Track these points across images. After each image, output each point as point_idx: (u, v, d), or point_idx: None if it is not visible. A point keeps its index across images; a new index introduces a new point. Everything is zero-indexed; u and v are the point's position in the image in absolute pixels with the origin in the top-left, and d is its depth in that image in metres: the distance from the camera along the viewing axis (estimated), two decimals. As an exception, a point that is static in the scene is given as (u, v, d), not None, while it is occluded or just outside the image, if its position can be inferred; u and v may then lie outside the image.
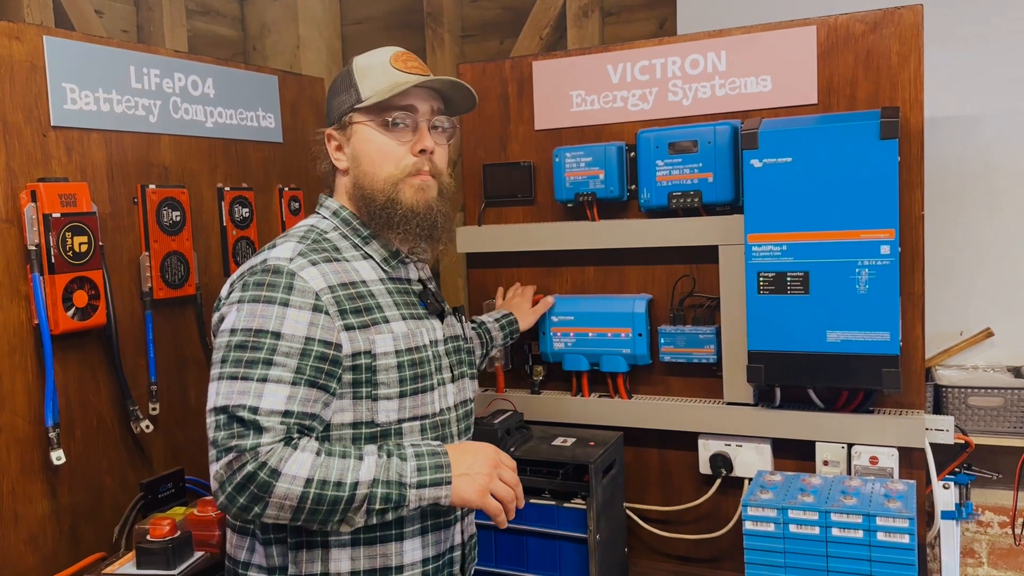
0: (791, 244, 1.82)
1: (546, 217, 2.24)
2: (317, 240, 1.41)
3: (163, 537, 1.60)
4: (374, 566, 1.37)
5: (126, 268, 1.90)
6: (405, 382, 1.38)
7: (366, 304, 1.37)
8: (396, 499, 1.26)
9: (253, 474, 1.21)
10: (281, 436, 1.24)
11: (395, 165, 1.42)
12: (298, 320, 1.29)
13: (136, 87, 1.91)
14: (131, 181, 1.91)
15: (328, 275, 1.35)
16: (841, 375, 1.81)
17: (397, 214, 1.41)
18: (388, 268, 1.45)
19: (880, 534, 1.63)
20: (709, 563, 2.13)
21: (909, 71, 1.87)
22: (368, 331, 1.35)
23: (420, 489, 1.28)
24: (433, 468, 1.29)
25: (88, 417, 1.82)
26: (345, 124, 1.45)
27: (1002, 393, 2.16)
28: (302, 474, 1.22)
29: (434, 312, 1.49)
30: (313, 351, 1.29)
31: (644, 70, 2.11)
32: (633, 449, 2.17)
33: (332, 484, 1.23)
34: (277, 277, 1.31)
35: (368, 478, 1.25)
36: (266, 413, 1.24)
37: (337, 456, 1.26)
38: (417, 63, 1.46)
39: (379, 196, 1.42)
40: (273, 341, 1.27)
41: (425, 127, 1.44)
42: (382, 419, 1.36)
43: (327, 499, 1.23)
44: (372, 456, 1.28)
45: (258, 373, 1.25)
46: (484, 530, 1.96)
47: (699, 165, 1.97)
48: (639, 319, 2.08)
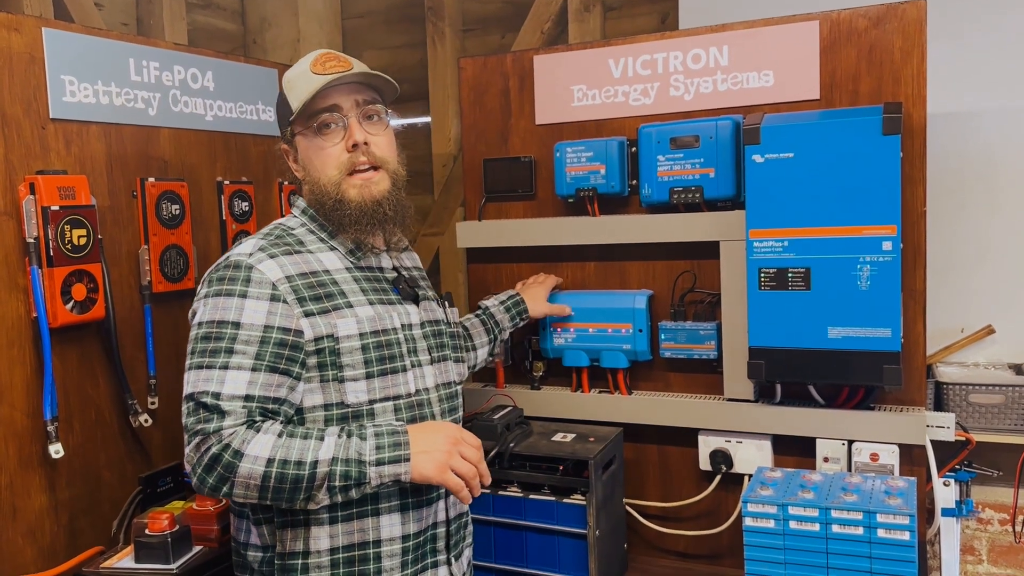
0: (793, 240, 1.81)
1: (547, 212, 2.23)
2: (281, 236, 1.48)
3: (162, 531, 1.60)
4: (352, 541, 1.42)
5: (125, 261, 1.89)
6: (371, 363, 1.43)
7: (327, 291, 1.43)
8: (356, 476, 1.31)
9: (218, 455, 1.29)
10: (243, 419, 1.32)
11: (334, 167, 1.47)
12: (256, 310, 1.36)
13: (135, 80, 1.90)
14: (130, 174, 1.90)
15: (286, 266, 1.41)
16: (842, 371, 1.80)
17: (346, 215, 1.47)
18: (354, 258, 1.50)
19: (880, 531, 1.62)
20: (709, 559, 2.13)
21: (912, 67, 1.86)
22: (329, 316, 1.41)
23: (379, 467, 1.32)
24: (391, 446, 1.33)
25: (87, 411, 1.81)
26: (289, 138, 1.54)
27: (1003, 390, 2.16)
28: (263, 454, 1.29)
29: (408, 298, 1.54)
30: (272, 338, 1.36)
31: (646, 64, 2.10)
32: (633, 445, 2.17)
33: (293, 463, 1.29)
34: (236, 271, 1.39)
35: (327, 456, 1.30)
36: (228, 398, 1.31)
37: (299, 437, 1.32)
38: (336, 61, 1.48)
39: (327, 200, 1.47)
40: (233, 331, 1.35)
41: (354, 121, 1.48)
42: (351, 400, 1.41)
43: (288, 478, 1.29)
44: (332, 436, 1.33)
45: (220, 361, 1.33)
46: (484, 525, 1.96)
47: (700, 160, 1.96)
48: (639, 315, 2.07)
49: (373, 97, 1.52)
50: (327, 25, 3.33)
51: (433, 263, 3.20)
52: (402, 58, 3.20)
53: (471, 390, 2.28)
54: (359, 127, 1.48)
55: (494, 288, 2.31)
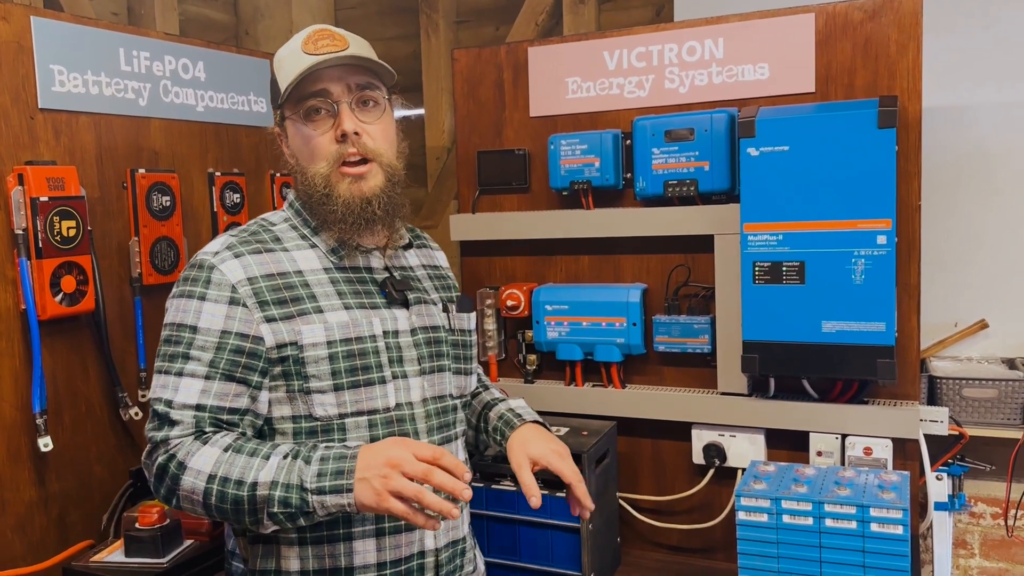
0: (787, 234, 1.80)
1: (541, 205, 2.22)
2: (256, 232, 1.37)
3: (151, 525, 1.59)
4: (323, 566, 1.31)
5: (115, 253, 1.88)
6: (339, 374, 1.30)
7: (293, 295, 1.31)
8: (297, 503, 1.17)
9: (164, 466, 1.23)
10: (191, 430, 1.24)
11: (323, 157, 1.34)
12: (214, 313, 1.27)
13: (126, 70, 1.88)
14: (120, 165, 1.89)
15: (251, 266, 1.31)
16: (836, 365, 1.79)
17: (331, 211, 1.34)
18: (335, 258, 1.38)
19: (874, 525, 1.62)
20: (702, 553, 2.13)
21: (908, 60, 1.85)
22: (293, 322, 1.29)
23: (321, 495, 1.17)
24: (334, 474, 1.18)
25: (77, 404, 1.80)
26: (280, 122, 1.41)
27: (996, 385, 2.16)
28: (205, 469, 1.21)
29: (396, 301, 1.39)
30: (228, 344, 1.27)
31: (641, 57, 2.09)
32: (626, 439, 2.16)
33: (233, 482, 1.19)
34: (199, 272, 1.31)
35: (267, 479, 1.18)
36: (178, 407, 1.24)
37: (245, 454, 1.21)
38: (330, 40, 1.34)
39: (315, 192, 1.35)
40: (191, 335, 1.27)
41: (345, 108, 1.33)
42: (319, 413, 1.29)
43: (229, 497, 1.19)
44: (278, 456, 1.21)
45: (176, 367, 1.26)
46: (477, 519, 1.95)
47: (695, 153, 1.95)
48: (633, 308, 2.07)
49: (368, 81, 1.36)
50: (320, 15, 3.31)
51: (427, 256, 3.18)
52: (395, 50, 3.18)
53: (464, 383, 2.27)
54: (350, 115, 1.33)
55: (487, 281, 2.31)
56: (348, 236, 1.36)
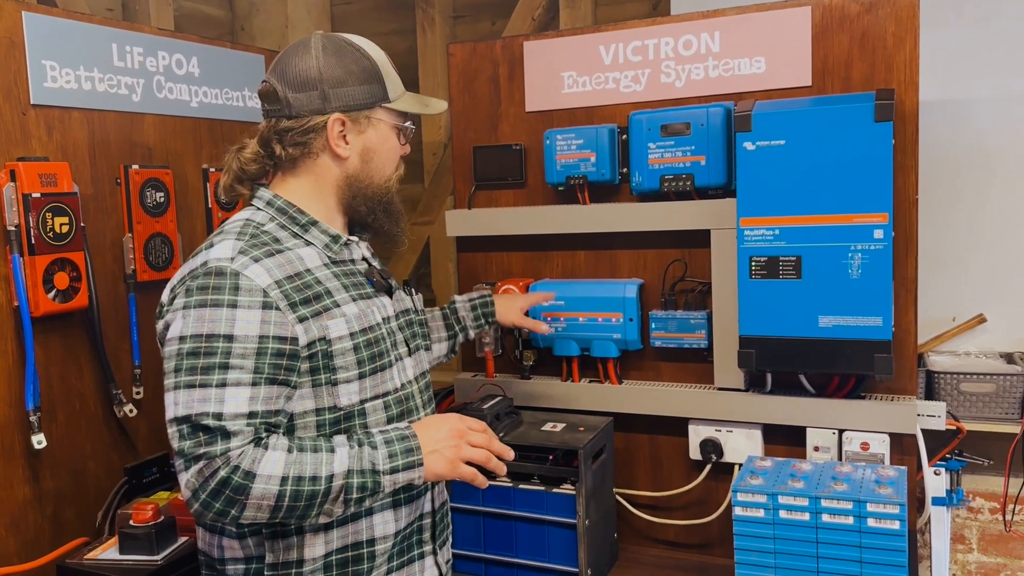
0: (784, 228, 1.80)
1: (537, 200, 2.22)
2: (255, 235, 1.37)
3: (146, 522, 1.59)
4: (347, 543, 1.38)
5: (109, 250, 1.87)
6: (363, 363, 1.39)
7: (315, 292, 1.36)
8: (372, 487, 1.29)
9: (227, 479, 1.21)
10: (250, 438, 1.24)
11: (395, 168, 1.51)
12: (249, 320, 1.27)
13: (119, 65, 1.87)
14: (114, 161, 1.88)
15: (273, 270, 1.33)
16: (833, 360, 1.79)
17: (390, 209, 1.49)
18: (331, 253, 1.44)
19: (870, 520, 1.61)
20: (699, 549, 2.13)
21: (905, 53, 1.84)
22: (320, 318, 1.34)
23: (394, 475, 1.30)
24: (404, 452, 1.31)
25: (71, 401, 1.79)
26: (360, 115, 1.42)
27: (994, 379, 2.15)
28: (277, 473, 1.23)
29: (382, 289, 1.50)
30: (269, 349, 1.28)
31: (637, 51, 2.08)
32: (623, 434, 2.16)
33: (308, 479, 1.24)
34: (221, 279, 1.29)
35: (343, 469, 1.27)
36: (231, 417, 1.23)
37: (309, 451, 1.27)
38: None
39: (380, 192, 1.47)
40: (227, 344, 1.25)
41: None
42: (344, 403, 1.36)
43: (304, 495, 1.24)
44: (344, 448, 1.29)
45: (216, 378, 1.24)
46: (473, 515, 1.95)
47: (691, 148, 1.95)
48: (630, 304, 2.06)
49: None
50: (316, 11, 3.30)
51: (423, 252, 3.17)
52: (392, 45, 3.16)
53: (461, 380, 2.27)
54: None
55: (483, 277, 2.30)
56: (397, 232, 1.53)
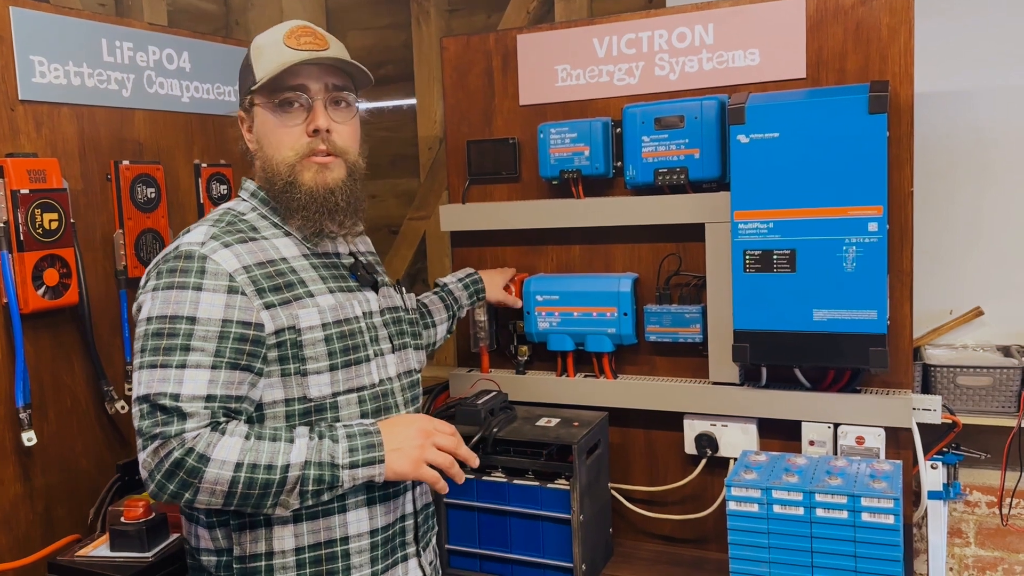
0: (778, 221, 1.78)
1: (531, 194, 2.20)
2: (232, 222, 1.39)
3: (137, 519, 1.58)
4: (319, 540, 1.36)
5: (100, 246, 1.86)
6: (335, 355, 1.37)
7: (287, 280, 1.36)
8: (329, 480, 1.27)
9: (181, 460, 1.22)
10: (206, 421, 1.25)
11: (290, 147, 1.39)
12: (213, 303, 1.28)
13: (108, 60, 1.86)
14: (104, 157, 1.87)
15: (242, 255, 1.33)
16: (827, 354, 1.78)
17: (295, 199, 1.38)
18: (311, 244, 1.43)
19: (865, 515, 1.61)
20: (695, 543, 2.12)
21: (899, 44, 1.83)
22: (290, 306, 1.34)
23: (353, 469, 1.29)
24: (365, 448, 1.30)
25: (61, 398, 1.78)
26: (247, 106, 1.44)
27: (991, 372, 2.14)
28: (231, 459, 1.23)
29: (367, 284, 1.48)
30: (231, 333, 1.28)
31: (630, 43, 2.06)
32: (619, 429, 2.15)
33: (263, 467, 1.24)
34: (189, 262, 1.30)
35: (300, 460, 1.25)
36: (188, 399, 1.24)
37: (267, 439, 1.26)
38: (312, 38, 1.40)
39: (278, 180, 1.39)
40: (189, 326, 1.26)
41: (320, 105, 1.39)
42: (314, 394, 1.35)
43: (258, 482, 1.24)
44: (303, 438, 1.28)
45: (176, 359, 1.25)
46: (467, 511, 1.94)
47: (685, 141, 1.93)
48: (624, 298, 2.05)
49: (345, 83, 1.44)
50: (310, 5, 3.28)
51: (419, 247, 3.17)
52: (387, 39, 3.16)
53: (456, 375, 2.26)
54: (324, 113, 1.39)
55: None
56: (311, 224, 1.40)
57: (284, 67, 1.35)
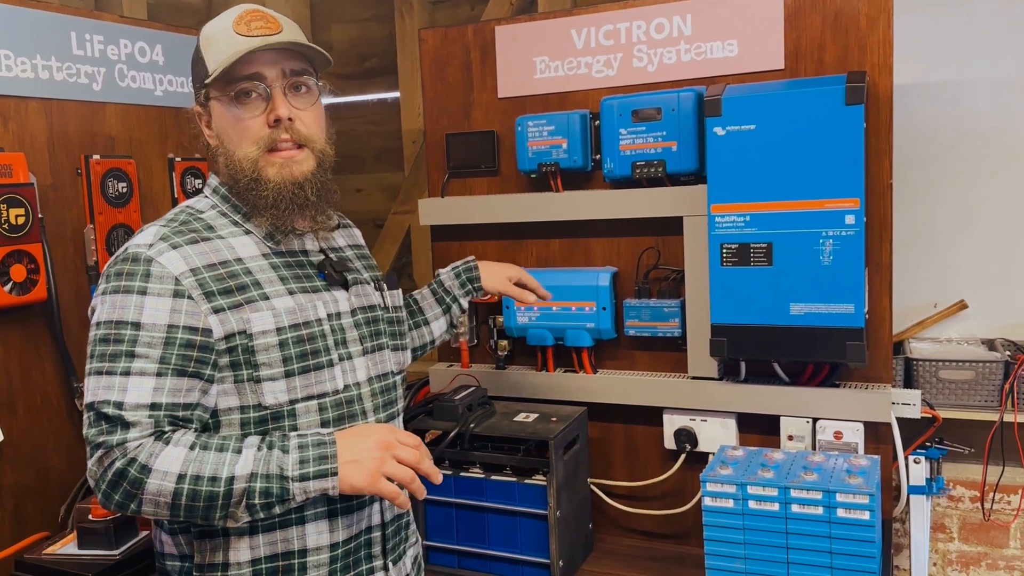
0: (754, 215, 1.77)
1: (511, 188, 2.18)
2: (186, 221, 1.32)
3: (105, 517, 1.57)
4: (275, 552, 1.30)
5: (70, 241, 1.85)
6: (290, 360, 1.29)
7: (239, 283, 1.28)
8: (278, 493, 1.19)
9: (123, 471, 1.17)
10: (149, 430, 1.19)
11: (252, 141, 1.30)
12: (158, 308, 1.22)
13: (78, 54, 1.84)
14: (74, 151, 1.85)
15: (191, 257, 1.27)
16: (805, 348, 1.76)
17: (262, 196, 1.31)
18: (272, 243, 1.35)
19: (840, 511, 1.59)
20: (675, 539, 2.11)
21: (878, 34, 1.80)
22: (241, 310, 1.27)
23: (304, 482, 1.20)
24: (317, 459, 1.20)
25: (31, 394, 1.77)
26: (203, 100, 1.35)
27: (973, 366, 2.12)
28: (174, 470, 1.17)
29: (336, 283, 1.39)
30: (177, 339, 1.23)
31: (608, 35, 2.04)
32: (599, 424, 2.13)
33: (206, 479, 1.17)
34: (135, 265, 1.25)
35: (245, 472, 1.18)
36: (131, 407, 1.19)
37: (213, 450, 1.20)
38: (263, 22, 1.30)
39: (242, 177, 1.31)
40: (134, 332, 1.21)
41: (279, 93, 1.30)
42: (269, 401, 1.28)
43: (202, 495, 1.17)
44: (251, 449, 1.21)
45: (121, 366, 1.20)
46: (444, 507, 1.93)
47: (663, 133, 1.91)
48: (603, 292, 2.03)
49: (303, 67, 1.34)
50: (294, -2, 3.25)
51: (404, 241, 3.15)
52: (370, 31, 3.13)
53: (436, 370, 2.25)
54: (283, 101, 1.30)
55: (458, 266, 2.27)
56: (281, 221, 1.33)
57: (236, 56, 1.26)
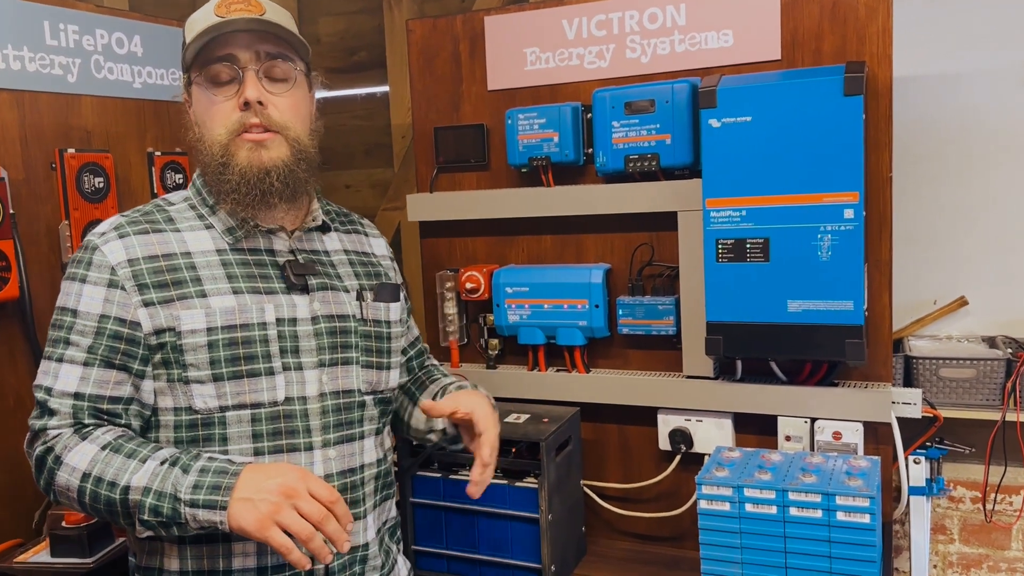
0: (751, 209, 1.72)
1: (501, 183, 2.13)
2: (149, 212, 1.30)
3: (78, 523, 1.52)
4: (201, 567, 1.25)
5: (44, 238, 1.79)
6: (219, 363, 1.22)
7: (176, 278, 1.24)
8: (169, 513, 1.11)
9: (42, 458, 1.18)
10: (68, 420, 1.18)
11: (222, 124, 1.26)
12: (93, 296, 1.21)
13: (51, 44, 1.78)
14: (48, 145, 1.79)
15: (135, 247, 1.24)
16: (803, 346, 1.71)
17: (227, 180, 1.25)
18: (231, 238, 1.29)
19: (840, 514, 1.55)
20: (670, 542, 2.06)
21: (877, 24, 1.75)
22: (172, 306, 1.22)
23: (194, 508, 1.11)
24: (211, 488, 1.11)
25: (3, 397, 1.72)
26: (187, 86, 1.32)
27: (974, 364, 2.07)
28: (80, 467, 1.15)
29: (296, 287, 1.30)
30: (107, 329, 1.21)
31: (601, 25, 1.99)
32: (592, 424, 2.08)
33: (106, 483, 1.14)
34: (84, 253, 1.25)
35: (140, 484, 1.12)
36: (57, 395, 1.19)
37: (123, 454, 1.16)
38: (243, 4, 1.26)
39: (212, 161, 1.26)
40: (71, 319, 1.21)
41: (252, 76, 1.25)
42: (199, 405, 1.22)
43: (102, 498, 1.14)
44: (155, 462, 1.15)
45: (57, 352, 1.21)
46: (433, 510, 1.88)
47: (656, 126, 1.86)
48: (596, 290, 1.98)
49: (281, 51, 1.28)
50: (282, -9, 3.19)
51: (394, 238, 3.09)
52: (359, 24, 3.07)
53: (424, 369, 2.19)
54: (255, 83, 1.25)
55: (448, 263, 2.22)
56: (244, 210, 1.27)
57: (206, 33, 1.23)
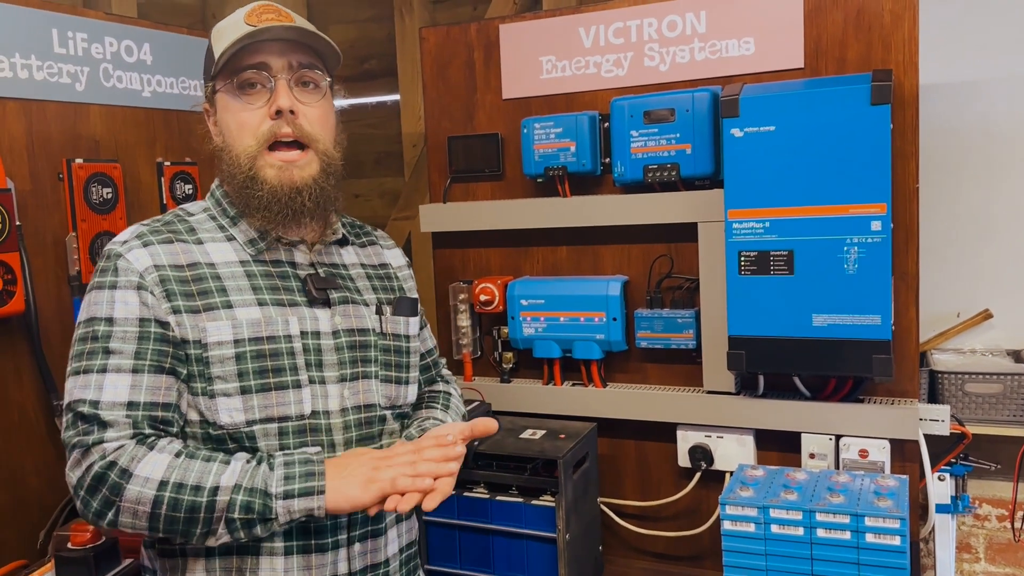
0: (774, 221, 1.67)
1: (516, 193, 2.09)
2: (170, 221, 1.27)
3: (84, 544, 1.47)
4: None
5: (51, 250, 1.75)
6: (247, 376, 1.19)
7: (202, 288, 1.21)
8: (260, 509, 1.11)
9: (102, 475, 1.11)
10: (128, 431, 1.13)
11: (252, 135, 1.23)
12: (127, 301, 1.17)
13: (60, 52, 1.75)
14: (55, 155, 1.76)
15: (159, 255, 1.21)
16: (828, 362, 1.67)
17: (256, 196, 1.23)
18: (254, 250, 1.27)
19: (869, 535, 1.50)
20: (690, 561, 2.01)
21: (903, 31, 1.71)
22: (198, 317, 1.19)
23: (288, 500, 1.11)
24: (303, 476, 1.13)
25: (9, 412, 1.67)
26: (211, 95, 1.30)
27: (1001, 379, 2.02)
28: (156, 476, 1.10)
29: (318, 301, 1.28)
30: (152, 333, 1.17)
31: (618, 33, 1.95)
32: (609, 440, 2.04)
33: (190, 488, 1.10)
34: (108, 262, 1.21)
35: (230, 483, 1.11)
36: (108, 406, 1.13)
37: (200, 459, 1.13)
38: (274, 14, 1.25)
39: (239, 173, 1.24)
40: (107, 328, 1.17)
41: (284, 84, 1.24)
42: (224, 420, 1.19)
43: (184, 505, 1.10)
44: (240, 461, 1.14)
45: (97, 364, 1.15)
46: (447, 528, 1.84)
47: (676, 135, 1.82)
48: (613, 302, 1.94)
49: (311, 61, 1.27)
50: (291, -1, 3.17)
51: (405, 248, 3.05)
52: (370, 32, 3.05)
53: (437, 383, 2.15)
54: (287, 91, 1.23)
55: (461, 275, 2.18)
56: (272, 226, 1.26)
57: (241, 42, 1.21)
